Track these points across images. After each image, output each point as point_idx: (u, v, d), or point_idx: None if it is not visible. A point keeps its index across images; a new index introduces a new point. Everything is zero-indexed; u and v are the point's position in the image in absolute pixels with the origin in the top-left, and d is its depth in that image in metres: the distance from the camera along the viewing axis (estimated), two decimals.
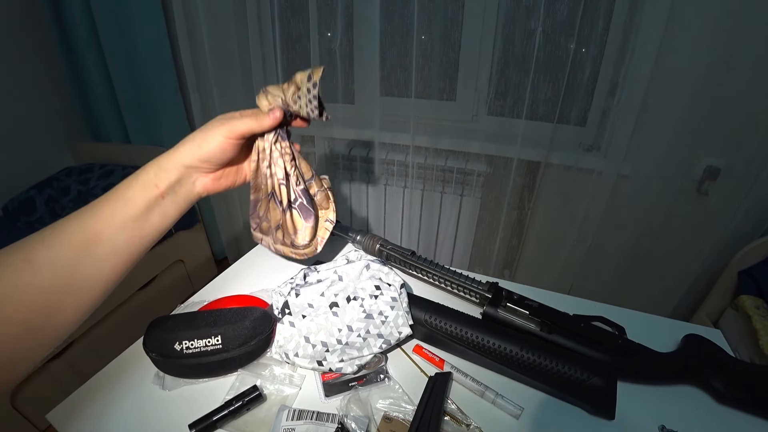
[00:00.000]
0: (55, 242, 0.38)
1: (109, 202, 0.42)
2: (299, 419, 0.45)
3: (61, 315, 0.38)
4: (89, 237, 0.39)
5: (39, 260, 0.36)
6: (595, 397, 0.50)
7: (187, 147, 0.46)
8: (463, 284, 0.65)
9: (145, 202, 0.43)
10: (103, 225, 0.41)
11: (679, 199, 1.32)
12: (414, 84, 1.35)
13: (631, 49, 1.16)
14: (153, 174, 0.44)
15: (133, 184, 0.43)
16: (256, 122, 0.49)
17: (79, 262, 0.39)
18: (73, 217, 0.40)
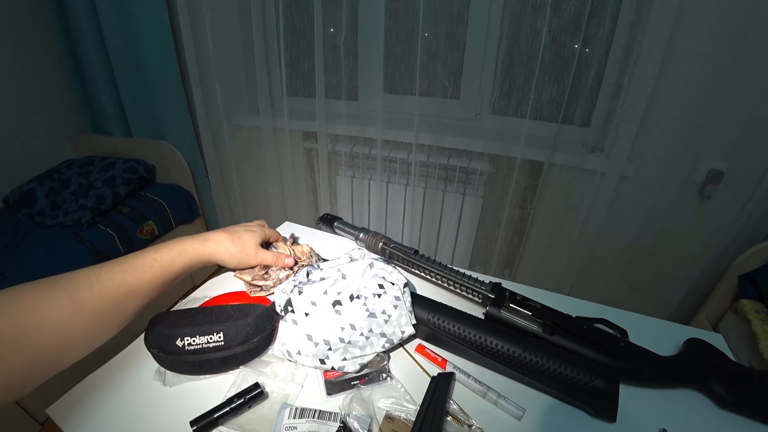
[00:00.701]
0: (102, 292, 0.44)
1: (152, 270, 0.50)
2: (301, 417, 0.45)
3: (83, 348, 0.44)
4: (128, 294, 0.47)
5: (84, 304, 0.42)
6: (598, 399, 0.50)
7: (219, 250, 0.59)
8: (466, 284, 0.64)
9: (178, 276, 0.55)
10: (141, 288, 0.49)
11: (681, 201, 1.32)
12: (418, 81, 1.34)
13: (636, 50, 1.16)
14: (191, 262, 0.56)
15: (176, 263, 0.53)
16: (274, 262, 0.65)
17: (114, 312, 0.46)
18: (117, 271, 0.47)
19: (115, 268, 0.47)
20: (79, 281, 0.44)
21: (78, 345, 0.43)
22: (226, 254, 0.59)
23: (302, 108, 1.64)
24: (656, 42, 1.10)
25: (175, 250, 0.53)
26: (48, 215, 1.62)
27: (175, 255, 0.53)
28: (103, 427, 0.48)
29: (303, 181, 1.81)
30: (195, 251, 0.56)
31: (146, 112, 1.85)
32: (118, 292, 0.46)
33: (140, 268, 0.49)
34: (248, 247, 0.61)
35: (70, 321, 0.41)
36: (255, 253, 0.62)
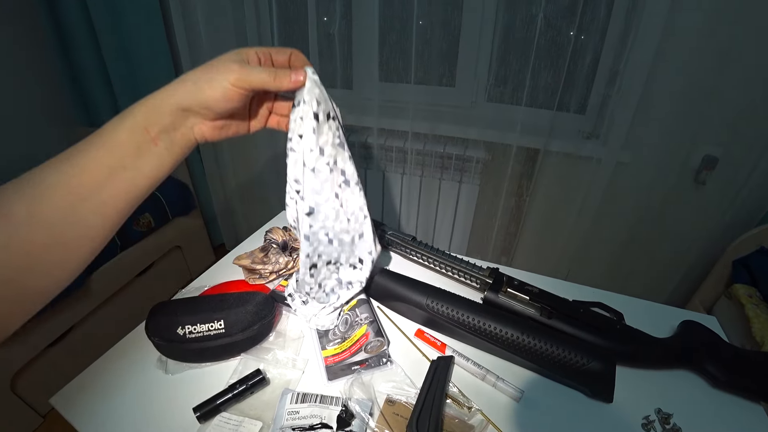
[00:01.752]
0: (35, 197, 0.33)
1: (92, 149, 0.36)
2: (303, 402, 0.46)
3: (47, 276, 0.35)
4: (72, 192, 0.35)
5: (17, 217, 0.32)
6: (594, 380, 0.51)
7: (186, 88, 0.39)
8: (464, 269, 0.65)
9: (135, 149, 0.37)
10: (88, 177, 0.35)
11: (676, 187, 1.33)
12: (413, 69, 1.33)
13: (632, 36, 1.15)
14: (142, 116, 0.37)
15: (119, 128, 0.37)
16: (273, 81, 0.41)
17: (62, 221, 0.34)
18: (51, 168, 0.35)
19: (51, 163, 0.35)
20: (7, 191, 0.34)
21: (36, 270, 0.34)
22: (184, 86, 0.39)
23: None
24: (652, 28, 1.10)
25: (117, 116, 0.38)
26: None
27: (117, 120, 0.37)
28: (107, 415, 0.49)
29: None
30: (143, 104, 0.38)
31: None
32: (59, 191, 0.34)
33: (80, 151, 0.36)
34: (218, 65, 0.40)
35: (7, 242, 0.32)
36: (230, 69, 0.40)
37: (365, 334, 0.54)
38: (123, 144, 0.36)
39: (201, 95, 0.39)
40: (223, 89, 0.39)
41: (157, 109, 0.38)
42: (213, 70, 0.40)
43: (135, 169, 0.37)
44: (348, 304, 0.60)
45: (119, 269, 1.56)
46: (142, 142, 0.37)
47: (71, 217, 0.34)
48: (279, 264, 0.65)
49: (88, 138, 0.36)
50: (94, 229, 0.36)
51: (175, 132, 0.39)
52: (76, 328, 1.44)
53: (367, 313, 0.57)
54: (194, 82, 0.39)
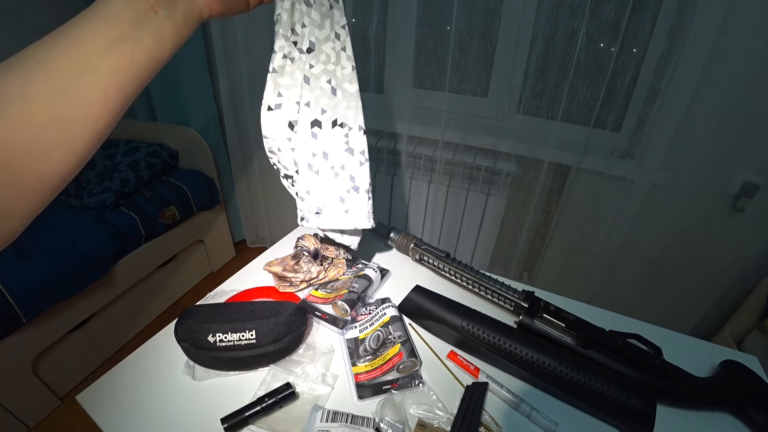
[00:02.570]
0: (27, 72, 0.30)
1: (85, 21, 0.33)
2: (334, 421, 0.45)
3: (47, 158, 0.32)
4: (67, 65, 0.31)
5: (8, 93, 0.30)
6: (633, 419, 0.49)
7: None
8: (499, 291, 0.63)
9: (134, 18, 0.34)
10: (83, 49, 0.32)
11: (712, 213, 1.28)
12: (448, 78, 1.32)
13: (677, 55, 1.12)
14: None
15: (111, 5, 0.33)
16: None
17: (59, 96, 0.31)
18: (43, 44, 0.31)
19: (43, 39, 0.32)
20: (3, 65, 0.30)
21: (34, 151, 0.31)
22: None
23: None
24: (699, 48, 1.07)
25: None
26: (73, 195, 1.64)
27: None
28: (131, 417, 0.48)
29: None
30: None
31: (171, 98, 1.86)
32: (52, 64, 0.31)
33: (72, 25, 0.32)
34: None
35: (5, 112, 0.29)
36: None
37: (398, 353, 0.52)
38: (120, 13, 0.33)
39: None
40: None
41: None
42: None
43: (134, 40, 0.34)
44: (380, 320, 0.58)
45: (143, 260, 1.58)
46: (141, 9, 0.34)
47: (69, 92, 0.32)
48: (310, 273, 0.65)
49: (81, 13, 0.33)
50: (96, 107, 0.33)
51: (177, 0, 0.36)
52: (97, 315, 1.47)
53: (401, 332, 0.56)
54: None
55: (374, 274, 0.66)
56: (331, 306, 0.61)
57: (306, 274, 0.65)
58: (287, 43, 0.48)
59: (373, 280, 0.66)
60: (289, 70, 0.49)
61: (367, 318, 0.60)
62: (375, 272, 0.67)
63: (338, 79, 0.48)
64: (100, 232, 1.47)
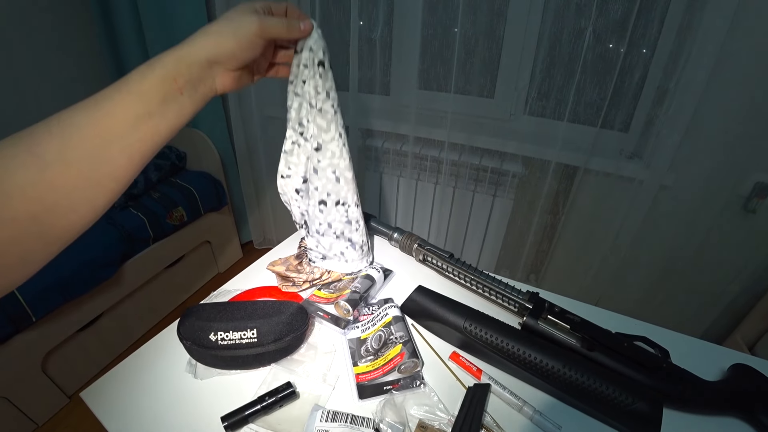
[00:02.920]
0: (65, 137, 0.35)
1: (121, 95, 0.38)
2: (333, 421, 0.45)
3: (73, 214, 0.36)
4: (99, 134, 0.36)
5: (47, 155, 0.33)
6: (639, 423, 0.48)
7: (214, 40, 0.42)
8: (503, 292, 0.63)
9: (162, 98, 0.39)
10: (115, 121, 0.37)
11: (723, 214, 1.26)
12: (454, 79, 1.31)
13: (686, 53, 1.10)
14: (172, 67, 0.40)
15: (148, 76, 0.39)
16: (287, 30, 0.48)
17: (90, 161, 0.36)
18: (80, 110, 0.36)
19: (79, 106, 0.36)
20: (37, 131, 0.34)
21: (63, 207, 0.35)
22: (213, 39, 0.43)
23: None
24: (708, 46, 1.05)
25: (144, 64, 0.40)
26: None
27: (145, 68, 0.39)
28: (134, 414, 0.49)
29: None
30: (171, 55, 0.41)
31: None
32: (88, 132, 0.35)
33: (107, 97, 0.37)
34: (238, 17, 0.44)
35: (38, 179, 0.33)
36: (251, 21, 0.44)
37: (400, 353, 0.52)
38: (150, 92, 0.38)
39: (228, 46, 0.43)
40: (249, 40, 0.44)
41: (186, 61, 0.41)
42: (234, 22, 0.43)
43: (160, 115, 0.39)
44: (383, 320, 0.58)
45: (151, 261, 1.59)
46: (169, 91, 0.39)
47: (99, 157, 0.36)
48: (313, 273, 0.65)
49: (115, 85, 0.38)
50: (121, 169, 0.38)
51: (199, 83, 0.42)
52: (106, 315, 1.48)
53: (403, 332, 0.55)
54: (219, 34, 0.43)
55: (377, 275, 0.66)
56: (333, 306, 0.61)
57: (309, 275, 0.65)
58: (295, 133, 0.60)
59: (376, 280, 0.65)
60: (297, 152, 0.61)
61: (370, 318, 0.60)
62: (378, 272, 0.67)
63: (340, 170, 0.61)
64: (109, 232, 1.48)
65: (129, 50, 1.86)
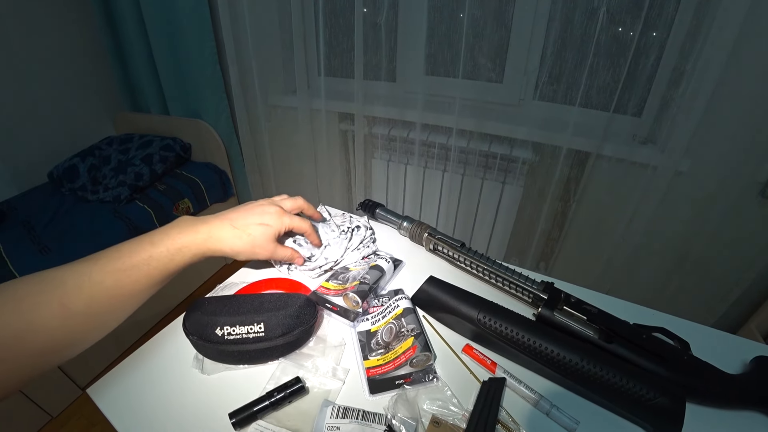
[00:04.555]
0: (93, 296, 0.42)
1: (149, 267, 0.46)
2: (344, 417, 0.43)
3: (75, 349, 0.43)
4: (123, 295, 0.45)
5: (74, 308, 0.40)
6: (661, 418, 0.46)
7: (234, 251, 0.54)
8: (517, 282, 0.61)
9: (176, 272, 0.50)
10: (137, 286, 0.46)
11: (739, 201, 1.23)
12: (462, 63, 1.28)
13: (704, 33, 1.06)
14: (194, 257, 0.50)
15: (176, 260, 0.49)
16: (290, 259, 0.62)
17: (109, 314, 0.45)
18: (109, 273, 0.44)
19: (107, 267, 0.44)
20: (69, 282, 0.41)
21: (69, 347, 0.42)
22: (231, 251, 0.53)
23: (339, 88, 1.61)
24: (728, 24, 1.01)
25: (174, 247, 0.48)
26: (89, 190, 1.65)
27: (174, 252, 0.48)
28: (141, 410, 0.48)
29: (338, 163, 1.79)
30: (197, 247, 0.50)
31: (183, 91, 1.86)
32: (111, 293, 0.43)
33: (135, 266, 0.45)
34: (258, 245, 0.55)
35: (61, 325, 0.39)
36: (267, 249, 0.56)
37: (412, 347, 0.51)
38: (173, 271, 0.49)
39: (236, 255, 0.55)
40: (256, 258, 0.57)
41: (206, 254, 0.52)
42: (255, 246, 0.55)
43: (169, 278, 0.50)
44: (393, 312, 0.57)
45: None
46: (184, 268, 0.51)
47: (117, 311, 0.46)
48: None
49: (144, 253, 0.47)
50: (128, 315, 0.48)
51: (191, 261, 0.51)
52: None
53: (414, 324, 0.54)
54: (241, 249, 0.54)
55: (387, 265, 0.64)
56: (342, 298, 0.59)
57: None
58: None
59: (386, 270, 0.64)
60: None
61: (380, 310, 0.58)
62: (387, 263, 0.65)
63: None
64: (116, 225, 1.48)
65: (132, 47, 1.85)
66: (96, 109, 2.04)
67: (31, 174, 1.79)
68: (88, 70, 1.94)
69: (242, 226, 0.54)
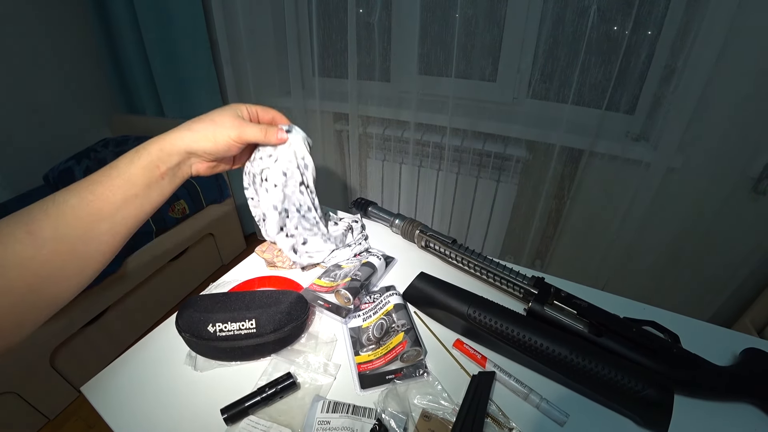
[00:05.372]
0: (59, 216, 0.39)
1: (110, 178, 0.43)
2: (335, 412, 0.44)
3: (65, 282, 0.40)
4: (91, 214, 0.41)
5: (42, 233, 0.38)
6: (649, 409, 0.46)
7: (194, 136, 0.48)
8: (507, 277, 0.61)
9: (146, 182, 0.45)
10: (105, 202, 0.42)
11: (732, 197, 1.23)
12: (455, 62, 1.29)
13: (694, 31, 1.07)
14: (156, 155, 0.46)
15: (135, 162, 0.44)
16: (264, 137, 0.54)
17: (81, 238, 0.40)
18: (73, 192, 0.41)
19: (72, 189, 0.41)
20: (34, 209, 0.39)
21: (56, 278, 0.39)
22: (193, 135, 0.48)
23: (334, 89, 1.61)
24: (718, 22, 1.01)
25: (132, 151, 0.45)
26: None
27: (132, 155, 0.45)
28: (134, 408, 0.48)
29: (333, 163, 1.79)
30: (155, 144, 0.46)
31: (178, 92, 1.86)
32: (80, 212, 0.40)
33: (98, 182, 0.42)
34: (219, 123, 0.50)
35: (34, 254, 0.37)
36: (231, 125, 0.50)
37: (402, 342, 0.51)
38: (137, 177, 0.44)
39: (207, 145, 0.49)
40: (226, 143, 0.50)
41: (168, 151, 0.47)
42: (216, 124, 0.49)
43: (144, 197, 0.45)
44: (384, 308, 0.57)
45: (154, 254, 1.59)
46: (152, 177, 0.45)
47: (89, 234, 0.41)
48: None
49: (105, 170, 0.43)
50: (107, 244, 0.43)
51: (179, 169, 0.48)
52: (112, 309, 1.48)
53: (405, 320, 0.54)
54: (201, 131, 0.48)
55: (378, 262, 0.65)
56: (333, 294, 0.59)
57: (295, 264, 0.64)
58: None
59: (378, 267, 0.64)
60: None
61: (371, 306, 0.59)
62: (379, 260, 0.65)
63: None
64: None
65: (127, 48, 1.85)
66: (91, 110, 2.03)
67: (26, 177, 1.78)
68: (83, 72, 1.94)
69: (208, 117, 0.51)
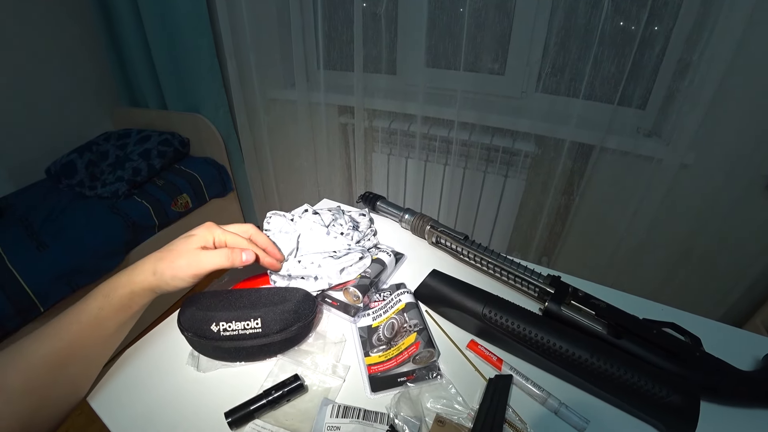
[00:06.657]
0: (29, 369, 0.40)
1: (81, 323, 0.43)
2: (344, 416, 0.42)
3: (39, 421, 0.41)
4: (62, 361, 0.41)
5: (11, 388, 0.38)
6: (674, 416, 0.44)
7: (160, 278, 0.46)
8: (522, 276, 0.59)
9: (119, 323, 0.46)
10: (77, 347, 0.43)
11: (745, 195, 1.21)
12: (463, 55, 1.26)
13: (711, 24, 1.04)
14: (128, 298, 0.46)
15: (106, 306, 0.44)
16: (229, 263, 0.49)
17: (53, 384, 0.41)
18: (42, 340, 0.41)
19: (41, 336, 0.42)
20: (3, 364, 0.39)
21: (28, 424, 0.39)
22: (154, 276, 0.46)
23: (339, 81, 1.59)
24: (736, 14, 0.98)
25: (100, 294, 0.45)
26: (87, 186, 1.64)
27: (102, 300, 0.44)
28: (135, 410, 0.46)
29: (338, 156, 1.76)
30: (125, 288, 0.45)
31: (181, 85, 1.84)
32: (50, 361, 0.41)
33: (65, 328, 0.43)
34: (178, 253, 0.48)
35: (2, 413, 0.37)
36: (189, 257, 0.47)
37: (415, 343, 0.49)
38: (109, 320, 0.45)
39: (174, 282, 0.47)
40: (184, 281, 0.47)
41: (138, 293, 0.46)
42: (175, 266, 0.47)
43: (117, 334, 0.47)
44: (395, 307, 0.55)
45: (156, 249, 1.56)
46: (125, 317, 0.47)
47: (59, 378, 0.42)
48: None
49: (74, 313, 0.44)
50: (79, 382, 0.45)
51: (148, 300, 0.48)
52: None
53: (417, 320, 0.52)
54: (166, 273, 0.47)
55: (388, 258, 0.63)
56: (342, 292, 0.57)
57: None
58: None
59: (387, 264, 0.62)
60: None
61: (381, 305, 0.57)
62: (389, 256, 0.63)
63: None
64: (113, 221, 1.46)
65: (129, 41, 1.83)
66: (93, 104, 2.02)
67: (29, 170, 1.77)
68: (85, 66, 1.92)
69: (163, 249, 0.49)
